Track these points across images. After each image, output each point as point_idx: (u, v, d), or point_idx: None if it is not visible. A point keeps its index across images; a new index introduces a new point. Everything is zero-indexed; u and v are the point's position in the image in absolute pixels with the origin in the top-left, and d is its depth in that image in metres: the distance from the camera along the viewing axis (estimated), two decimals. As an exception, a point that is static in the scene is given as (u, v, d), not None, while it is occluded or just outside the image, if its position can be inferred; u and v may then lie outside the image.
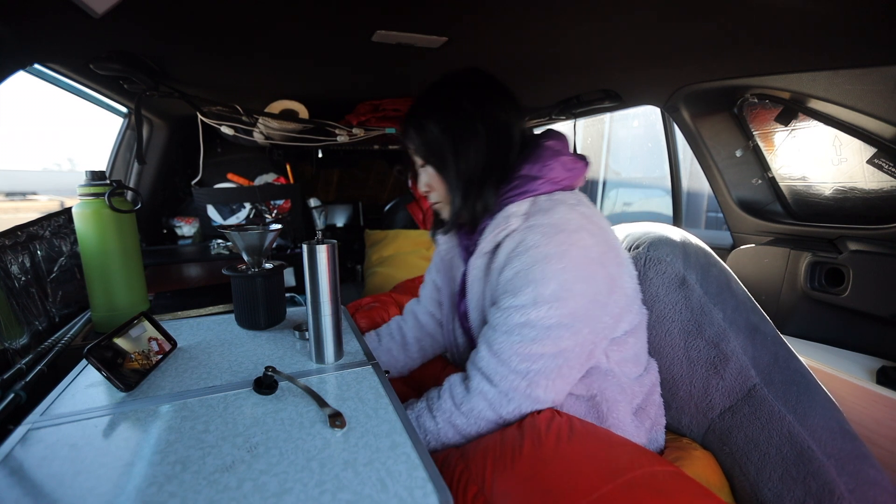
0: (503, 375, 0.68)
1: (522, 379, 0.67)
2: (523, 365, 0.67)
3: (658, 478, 0.56)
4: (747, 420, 0.77)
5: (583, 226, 0.69)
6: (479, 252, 0.77)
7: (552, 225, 0.68)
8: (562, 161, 0.76)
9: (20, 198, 4.19)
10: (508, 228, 0.72)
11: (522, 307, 0.66)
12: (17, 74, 0.97)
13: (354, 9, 0.90)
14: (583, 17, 0.94)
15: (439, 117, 0.76)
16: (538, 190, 0.74)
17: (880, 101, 1.00)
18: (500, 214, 0.74)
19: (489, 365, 0.70)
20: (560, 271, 0.65)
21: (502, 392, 0.68)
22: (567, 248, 0.66)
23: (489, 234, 0.74)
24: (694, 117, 1.45)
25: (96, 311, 1.04)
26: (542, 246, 0.67)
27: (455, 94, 0.76)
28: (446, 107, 0.76)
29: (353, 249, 2.79)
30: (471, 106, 0.75)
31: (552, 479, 0.55)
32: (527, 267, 0.67)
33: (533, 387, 0.67)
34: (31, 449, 0.54)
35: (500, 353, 0.68)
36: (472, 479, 0.59)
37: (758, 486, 0.73)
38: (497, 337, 0.69)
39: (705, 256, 0.87)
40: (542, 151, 0.77)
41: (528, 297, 0.66)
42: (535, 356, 0.66)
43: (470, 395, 0.71)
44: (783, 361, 0.80)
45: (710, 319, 0.82)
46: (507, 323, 0.68)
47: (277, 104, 1.68)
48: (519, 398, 0.68)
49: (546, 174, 0.74)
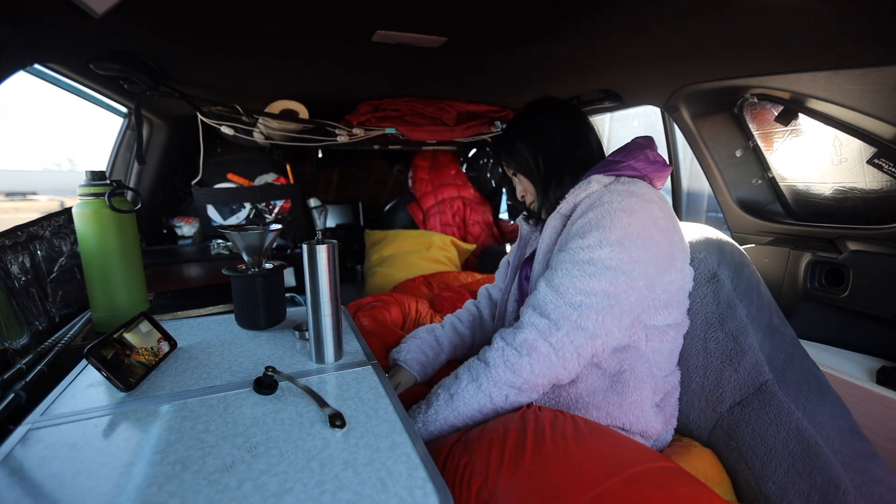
0: (556, 306, 0.73)
1: (574, 310, 0.72)
2: (578, 297, 0.72)
3: (659, 473, 0.57)
4: (756, 414, 0.78)
5: (656, 201, 0.78)
6: (556, 213, 0.85)
7: (629, 192, 0.77)
8: (646, 154, 0.84)
9: (20, 198, 4.19)
10: (588, 191, 0.81)
11: (588, 247, 0.73)
12: (17, 74, 0.97)
13: (354, 9, 0.90)
14: (583, 17, 0.94)
15: (521, 134, 0.93)
16: (621, 171, 0.82)
17: (880, 101, 1.00)
18: (583, 182, 0.82)
19: (545, 298, 0.75)
20: (627, 224, 0.73)
21: (553, 321, 0.73)
22: (637, 209, 0.74)
23: (570, 197, 0.83)
24: (694, 117, 1.45)
25: (96, 311, 1.04)
26: (614, 202, 0.75)
27: (533, 115, 0.93)
28: (527, 125, 0.93)
29: (353, 249, 2.80)
30: (546, 118, 0.91)
31: (556, 474, 0.56)
32: (597, 217, 0.74)
33: (583, 318, 0.72)
34: (31, 449, 0.54)
35: (559, 287, 0.74)
36: (476, 472, 0.60)
37: (763, 480, 0.73)
38: (557, 273, 0.75)
39: (740, 256, 0.90)
40: (630, 145, 0.87)
41: (594, 238, 0.73)
42: (589, 291, 0.72)
43: (521, 328, 0.75)
44: (798, 362, 0.81)
45: (733, 314, 0.84)
46: (570, 260, 0.75)
47: (277, 104, 1.68)
48: (569, 326, 0.72)
49: (629, 160, 0.83)
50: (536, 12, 0.93)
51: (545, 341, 0.73)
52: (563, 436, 0.62)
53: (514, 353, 0.74)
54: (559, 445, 0.60)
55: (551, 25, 1.00)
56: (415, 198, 2.65)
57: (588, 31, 1.02)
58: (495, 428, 0.66)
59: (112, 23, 0.87)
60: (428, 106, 1.84)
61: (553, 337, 0.72)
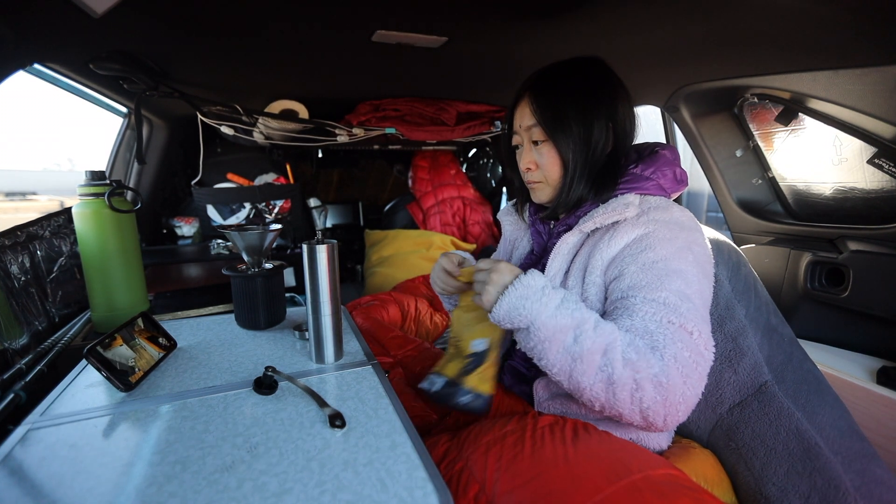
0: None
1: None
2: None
3: (660, 480, 0.56)
4: (755, 415, 0.78)
5: (697, 228, 0.73)
6: (575, 230, 0.76)
7: (675, 222, 0.71)
8: (674, 171, 0.79)
9: (20, 198, 4.19)
10: (625, 214, 0.72)
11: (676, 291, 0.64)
12: (17, 74, 0.97)
13: (354, 9, 0.90)
14: (582, 17, 0.94)
15: (575, 99, 0.75)
16: (648, 190, 0.76)
17: (880, 101, 1.00)
18: (618, 200, 0.74)
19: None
20: (693, 263, 0.67)
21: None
22: (691, 245, 0.69)
23: (597, 215, 0.73)
24: (694, 117, 1.45)
25: (96, 311, 1.04)
26: (673, 241, 0.68)
27: (590, 80, 0.77)
28: (583, 90, 0.76)
29: (353, 249, 2.79)
30: (605, 97, 0.76)
31: (556, 480, 0.55)
32: (662, 259, 0.67)
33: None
34: (30, 449, 0.54)
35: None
36: (472, 478, 0.59)
37: (762, 482, 0.73)
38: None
39: (737, 255, 0.90)
40: (657, 158, 0.79)
41: (677, 285, 0.64)
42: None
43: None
44: (797, 362, 0.81)
45: (732, 314, 0.83)
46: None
47: (277, 104, 1.68)
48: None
49: (657, 178, 0.77)
50: (536, 12, 0.93)
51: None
52: (563, 440, 0.61)
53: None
54: (559, 451, 0.59)
55: (551, 25, 0.99)
56: (415, 198, 2.64)
57: (588, 32, 1.02)
58: (492, 431, 0.65)
59: (112, 23, 0.87)
60: (428, 106, 1.84)
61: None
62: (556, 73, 0.78)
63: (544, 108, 0.76)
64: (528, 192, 0.86)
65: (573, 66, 0.78)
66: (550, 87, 0.77)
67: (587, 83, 0.76)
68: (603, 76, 0.78)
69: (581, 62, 0.79)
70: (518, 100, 0.81)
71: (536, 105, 0.77)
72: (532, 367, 0.85)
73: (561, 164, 0.77)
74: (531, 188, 0.83)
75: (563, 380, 0.62)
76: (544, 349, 0.61)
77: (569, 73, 0.78)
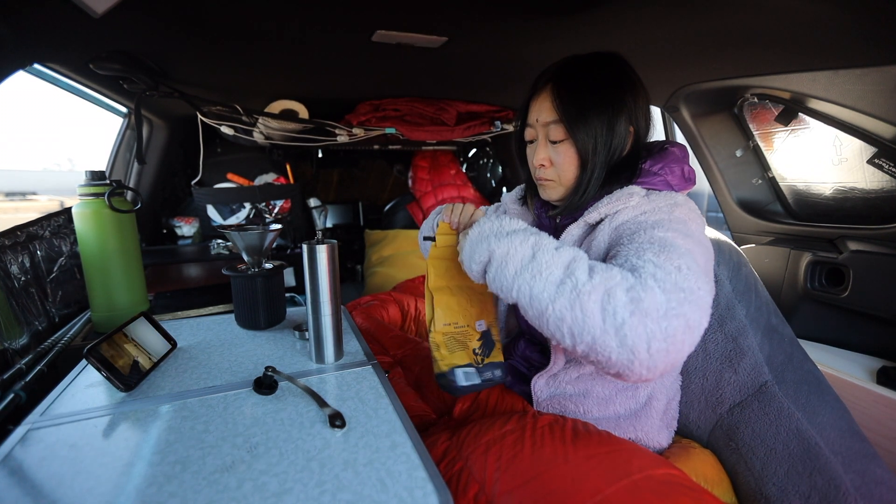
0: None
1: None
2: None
3: (661, 480, 0.56)
4: (756, 415, 0.78)
5: (700, 218, 0.72)
6: (580, 221, 0.75)
7: (674, 203, 0.70)
8: (682, 168, 0.77)
9: (20, 198, 4.19)
10: (628, 203, 0.71)
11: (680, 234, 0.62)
12: (17, 74, 0.97)
13: (355, 9, 0.90)
14: (582, 17, 0.94)
15: (601, 96, 0.72)
16: (654, 185, 0.74)
17: (880, 101, 1.00)
18: (623, 191, 0.72)
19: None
20: (695, 242, 0.63)
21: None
22: (691, 216, 0.68)
23: (601, 205, 0.72)
24: (694, 117, 1.45)
25: (96, 311, 1.04)
26: (672, 211, 0.68)
27: (614, 76, 0.74)
28: (608, 87, 0.73)
29: (353, 249, 2.79)
30: (628, 95, 0.73)
31: (556, 480, 0.55)
32: (665, 217, 0.66)
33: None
34: (30, 449, 0.54)
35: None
36: (472, 478, 0.59)
37: (762, 482, 0.73)
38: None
39: (738, 256, 0.90)
40: (666, 154, 0.77)
41: (679, 229, 0.63)
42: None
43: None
44: (797, 362, 0.81)
45: (732, 314, 0.84)
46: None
47: (277, 104, 1.68)
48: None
49: (665, 174, 0.75)
50: (536, 12, 0.93)
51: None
52: (563, 440, 0.60)
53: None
54: (558, 450, 0.59)
55: (551, 25, 0.99)
56: (415, 198, 2.64)
57: (587, 31, 1.02)
58: (491, 431, 0.65)
59: (112, 23, 0.87)
60: (428, 106, 1.84)
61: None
62: (578, 66, 0.74)
63: (567, 104, 0.72)
64: (536, 186, 0.83)
65: (596, 61, 0.75)
66: (574, 81, 0.73)
67: (612, 79, 0.73)
68: (625, 73, 0.75)
69: (603, 57, 0.75)
70: (536, 92, 0.76)
71: (560, 100, 0.72)
72: (532, 367, 0.86)
73: (578, 164, 0.74)
74: (541, 185, 0.80)
75: (524, 304, 0.56)
76: (502, 271, 0.58)
77: (592, 67, 0.74)
